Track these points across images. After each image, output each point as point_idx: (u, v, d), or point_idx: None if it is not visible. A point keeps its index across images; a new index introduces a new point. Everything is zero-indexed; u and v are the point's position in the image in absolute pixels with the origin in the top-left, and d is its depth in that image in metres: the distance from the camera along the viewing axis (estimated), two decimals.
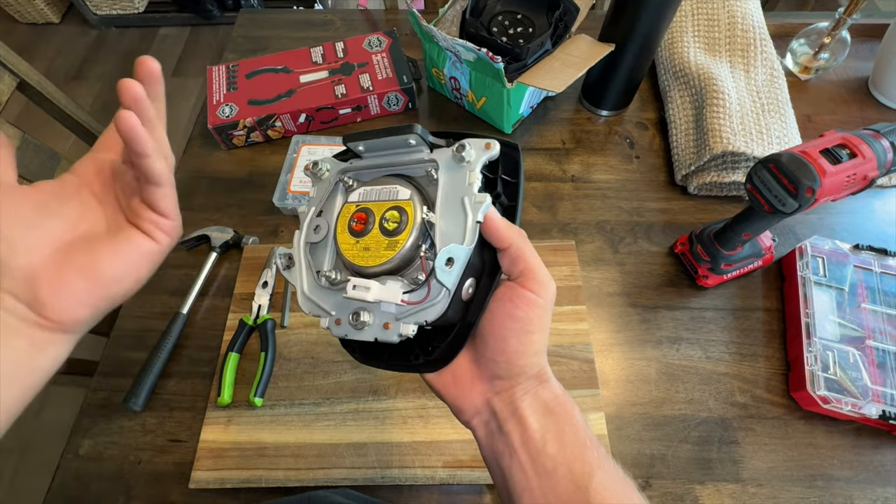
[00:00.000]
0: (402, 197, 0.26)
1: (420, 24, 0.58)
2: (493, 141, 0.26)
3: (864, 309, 0.49)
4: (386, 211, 0.26)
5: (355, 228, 0.27)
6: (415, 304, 0.25)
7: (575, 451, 0.25)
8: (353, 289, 0.26)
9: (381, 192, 0.27)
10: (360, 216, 0.27)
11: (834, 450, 0.46)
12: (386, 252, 0.26)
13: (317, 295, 0.28)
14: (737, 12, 0.64)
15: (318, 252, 0.29)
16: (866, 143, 0.38)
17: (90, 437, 0.48)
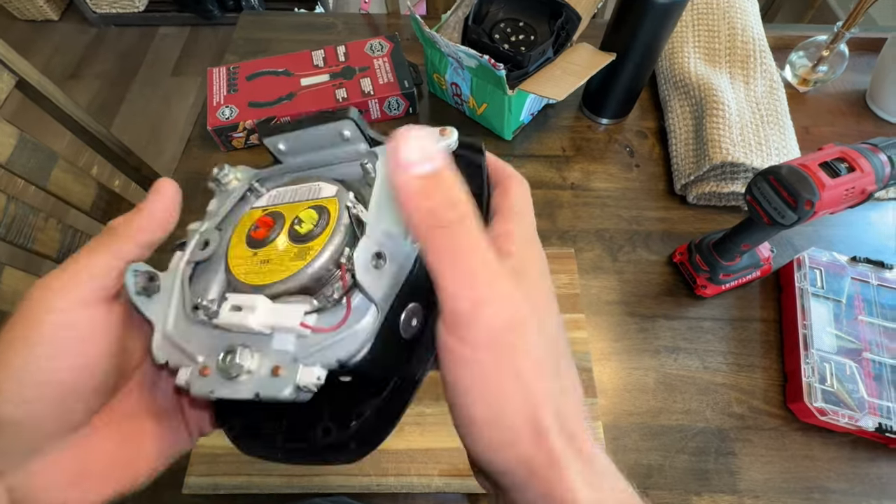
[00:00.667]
0: (325, 194, 0.19)
1: (422, 30, 0.58)
2: (449, 127, 0.19)
3: (861, 321, 0.49)
4: (298, 216, 0.19)
5: (255, 237, 0.19)
6: (325, 332, 0.16)
7: None
8: (228, 310, 0.17)
9: (299, 192, 0.20)
10: (264, 221, 0.20)
11: (830, 462, 0.46)
12: (293, 263, 0.18)
13: (183, 333, 0.19)
14: (737, 24, 0.65)
15: (204, 276, 0.21)
16: (864, 157, 0.38)
17: None
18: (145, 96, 1.78)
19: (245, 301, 0.17)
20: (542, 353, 0.15)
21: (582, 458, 0.15)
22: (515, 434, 0.15)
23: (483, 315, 0.14)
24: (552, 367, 0.16)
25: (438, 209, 0.14)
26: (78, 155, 1.43)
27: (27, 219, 0.61)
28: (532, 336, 0.15)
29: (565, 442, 0.15)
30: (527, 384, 0.15)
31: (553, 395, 0.15)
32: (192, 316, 0.19)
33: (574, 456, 0.15)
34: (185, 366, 0.18)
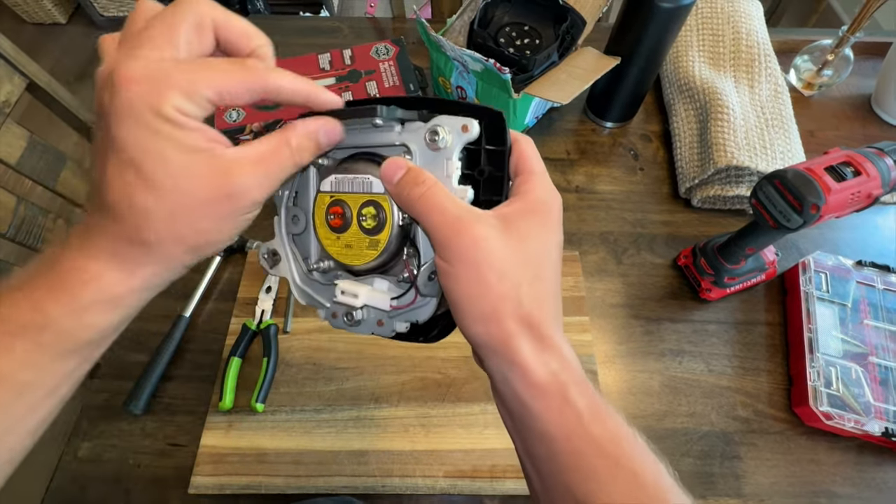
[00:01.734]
0: (376, 190, 0.25)
1: (428, 34, 0.59)
2: (469, 121, 0.23)
3: (867, 325, 0.49)
4: (362, 206, 0.25)
5: (333, 224, 0.26)
6: (404, 308, 0.25)
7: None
8: (341, 294, 0.26)
9: (354, 183, 0.25)
10: (336, 210, 0.26)
11: (836, 466, 0.46)
12: (369, 251, 0.25)
13: (309, 286, 0.28)
14: (741, 28, 0.65)
15: (302, 242, 0.28)
16: (870, 161, 0.38)
17: (89, 440, 0.47)
18: None
19: (351, 288, 0.26)
20: (506, 265, 0.21)
21: (534, 337, 0.21)
22: (483, 316, 0.21)
23: (454, 241, 0.21)
24: (519, 276, 0.21)
25: (413, 187, 0.22)
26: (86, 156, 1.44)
27: (36, 220, 0.62)
28: (496, 252, 0.21)
29: (522, 326, 0.21)
30: (489, 283, 0.21)
31: (514, 293, 0.21)
32: (311, 277, 0.28)
33: (527, 335, 0.21)
34: (318, 308, 0.28)
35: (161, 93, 0.19)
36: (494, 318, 0.21)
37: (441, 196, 0.22)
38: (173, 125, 0.19)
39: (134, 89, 0.19)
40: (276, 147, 0.22)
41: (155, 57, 0.19)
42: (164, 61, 0.20)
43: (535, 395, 0.21)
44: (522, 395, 0.21)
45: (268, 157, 0.22)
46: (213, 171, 0.20)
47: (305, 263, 0.28)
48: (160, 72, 0.19)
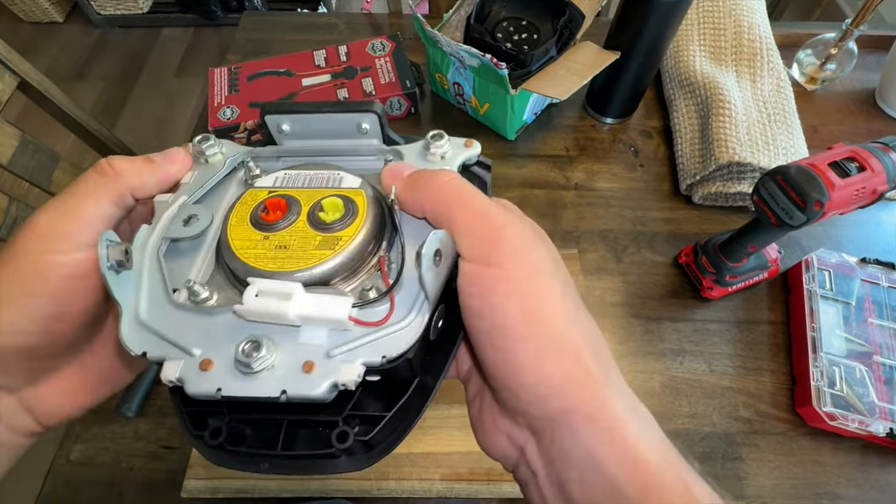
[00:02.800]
0: (348, 185, 0.19)
1: (424, 29, 0.58)
2: (473, 140, 0.21)
3: (872, 324, 0.48)
4: (322, 199, 0.18)
5: (265, 219, 0.18)
6: (371, 327, 0.16)
7: None
8: (254, 298, 0.15)
9: (314, 179, 0.19)
10: (275, 203, 0.18)
11: (840, 468, 0.45)
12: (318, 252, 0.17)
13: (163, 320, 0.17)
14: (743, 22, 0.64)
15: (181, 256, 0.19)
16: (875, 157, 0.37)
17: (82, 443, 0.47)
18: (149, 97, 1.78)
19: (276, 288, 0.15)
20: (560, 278, 0.16)
21: (620, 386, 0.15)
22: (554, 347, 0.14)
23: (506, 235, 0.15)
24: (572, 290, 0.16)
25: (432, 175, 0.18)
26: (81, 156, 1.43)
27: None
28: (549, 260, 0.16)
29: (602, 367, 0.15)
30: (554, 296, 0.15)
31: (577, 315, 0.16)
32: (174, 300, 0.17)
33: (613, 381, 0.15)
34: (172, 358, 0.16)
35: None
36: (572, 351, 0.15)
37: (472, 187, 0.17)
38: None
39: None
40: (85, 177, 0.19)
41: None
42: None
43: (650, 489, 0.13)
44: (627, 488, 0.14)
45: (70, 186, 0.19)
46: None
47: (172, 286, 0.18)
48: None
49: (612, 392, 0.15)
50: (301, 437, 0.17)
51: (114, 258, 0.17)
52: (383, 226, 0.19)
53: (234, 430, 0.17)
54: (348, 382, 0.15)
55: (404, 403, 0.17)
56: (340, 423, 0.16)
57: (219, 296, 0.17)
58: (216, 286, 0.18)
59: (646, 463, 0.14)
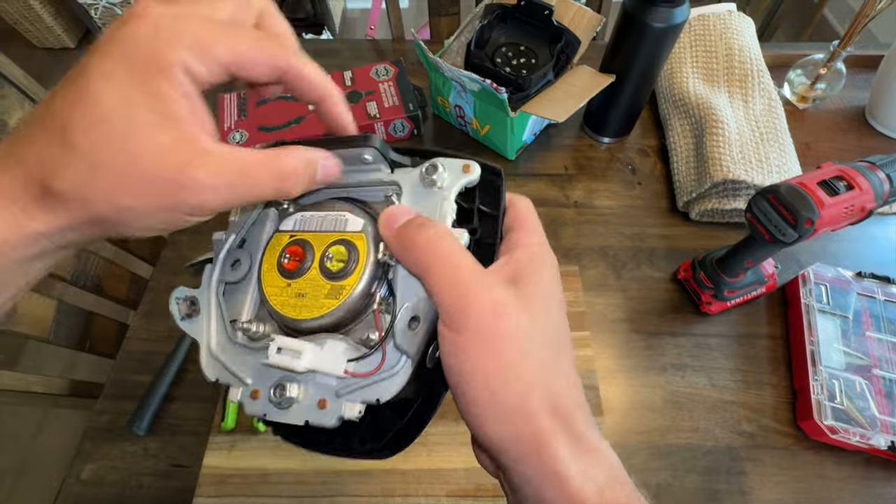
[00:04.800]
0: (351, 228, 0.20)
1: (426, 55, 0.60)
2: (471, 163, 0.21)
3: (870, 337, 0.49)
4: (329, 246, 0.20)
5: (287, 267, 0.21)
6: (364, 377, 0.19)
7: None
8: (276, 352, 0.19)
9: (325, 221, 0.21)
10: (294, 250, 0.21)
11: (843, 481, 0.45)
12: (327, 301, 0.20)
13: (227, 355, 0.21)
14: (734, 44, 0.66)
15: (236, 295, 0.22)
16: (863, 175, 0.38)
17: (92, 462, 0.47)
18: None
19: (292, 345, 0.19)
20: (530, 340, 0.17)
21: (571, 437, 0.17)
22: (508, 412, 0.17)
23: (469, 306, 0.17)
24: (544, 353, 0.18)
25: (418, 229, 0.19)
26: None
27: None
28: (516, 323, 0.17)
29: (556, 421, 0.17)
30: (513, 365, 0.17)
31: (542, 377, 0.17)
32: (233, 338, 0.21)
33: (564, 434, 0.17)
34: (234, 385, 0.21)
35: (171, 40, 0.16)
36: (523, 413, 0.17)
37: (453, 245, 0.18)
38: (167, 81, 0.16)
39: (142, 26, 0.16)
40: (262, 162, 0.18)
41: (186, 9, 0.17)
42: (191, 14, 0.17)
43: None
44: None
45: (248, 168, 0.18)
46: (176, 151, 0.16)
47: (232, 325, 0.22)
48: (181, 19, 0.16)
49: (560, 443, 0.17)
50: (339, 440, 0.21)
51: (184, 312, 0.22)
52: (383, 271, 0.21)
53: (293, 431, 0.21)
54: (351, 416, 0.19)
55: (409, 419, 0.20)
56: (362, 432, 0.20)
57: (265, 328, 0.21)
58: (263, 319, 0.22)
59: (579, 496, 0.16)
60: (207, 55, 0.16)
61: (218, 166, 0.17)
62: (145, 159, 0.16)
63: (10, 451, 1.15)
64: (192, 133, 0.17)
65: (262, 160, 0.18)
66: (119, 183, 0.16)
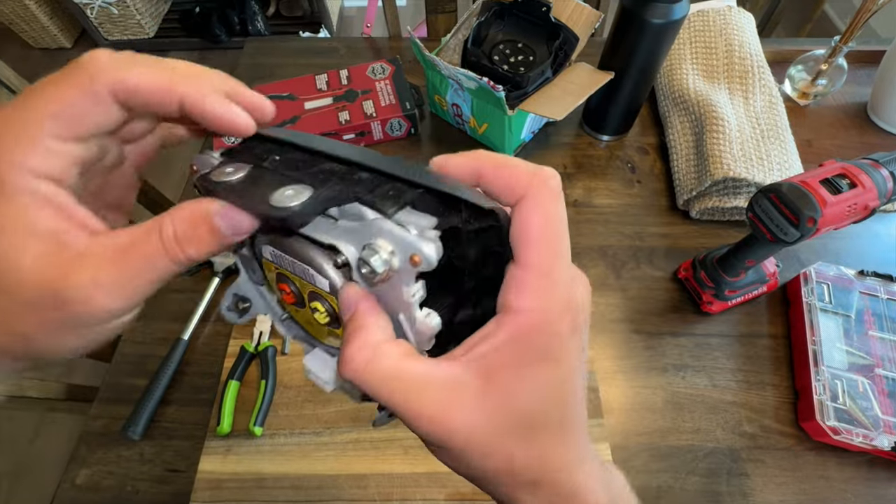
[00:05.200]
0: (320, 285, 0.18)
1: (422, 53, 0.60)
2: (421, 248, 0.15)
3: (872, 336, 0.48)
4: (310, 296, 0.19)
5: (287, 300, 0.20)
6: None
7: None
8: (308, 374, 0.21)
9: (295, 266, 0.18)
10: (284, 287, 0.20)
11: (846, 483, 0.45)
12: (330, 339, 0.21)
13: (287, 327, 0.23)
14: (734, 40, 0.65)
15: (265, 293, 0.23)
16: (866, 173, 0.38)
17: (87, 467, 0.47)
18: None
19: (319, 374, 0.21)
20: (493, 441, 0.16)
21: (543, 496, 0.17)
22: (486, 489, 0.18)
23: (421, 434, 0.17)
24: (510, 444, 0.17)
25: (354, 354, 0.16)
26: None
27: None
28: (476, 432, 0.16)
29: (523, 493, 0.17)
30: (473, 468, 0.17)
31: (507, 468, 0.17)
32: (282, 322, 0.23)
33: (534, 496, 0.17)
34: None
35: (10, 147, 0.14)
36: (496, 488, 0.18)
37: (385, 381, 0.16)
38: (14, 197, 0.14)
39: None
40: (142, 238, 0.16)
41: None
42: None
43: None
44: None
45: (129, 251, 0.15)
46: (47, 266, 0.15)
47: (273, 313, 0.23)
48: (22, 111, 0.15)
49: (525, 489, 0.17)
50: None
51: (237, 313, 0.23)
52: None
53: None
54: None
55: None
56: None
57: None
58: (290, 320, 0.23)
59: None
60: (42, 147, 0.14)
61: (96, 266, 0.15)
62: (23, 291, 0.15)
63: (7, 455, 1.15)
64: (60, 241, 0.15)
65: (141, 235, 0.16)
66: (11, 318, 0.15)
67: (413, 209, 0.16)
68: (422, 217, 0.16)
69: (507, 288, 0.16)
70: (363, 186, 0.16)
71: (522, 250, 0.16)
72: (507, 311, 0.16)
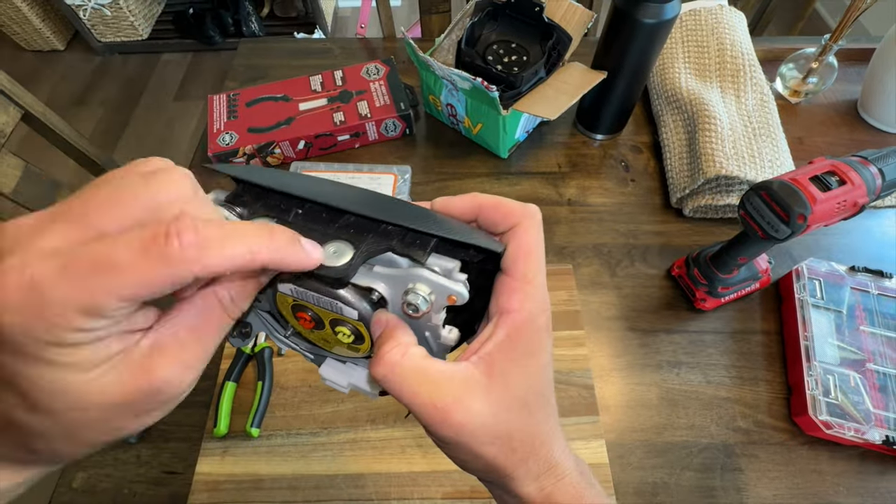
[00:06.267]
0: (347, 315, 0.20)
1: (416, 54, 0.60)
2: (459, 291, 0.19)
3: (864, 332, 0.49)
4: (333, 322, 0.21)
5: (304, 326, 0.22)
6: None
7: None
8: (323, 381, 0.24)
9: (321, 301, 0.20)
10: (303, 315, 0.21)
11: (839, 476, 0.45)
12: (349, 351, 0.23)
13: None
14: (725, 39, 0.66)
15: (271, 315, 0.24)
16: (855, 170, 0.38)
17: (84, 470, 0.47)
18: (149, 121, 1.81)
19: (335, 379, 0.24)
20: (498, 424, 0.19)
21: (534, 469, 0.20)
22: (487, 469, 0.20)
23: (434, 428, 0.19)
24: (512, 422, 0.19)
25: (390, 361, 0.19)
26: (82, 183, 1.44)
27: None
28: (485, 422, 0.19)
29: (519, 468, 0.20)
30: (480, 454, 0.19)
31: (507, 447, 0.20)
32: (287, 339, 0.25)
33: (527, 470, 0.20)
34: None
35: (50, 321, 0.14)
36: (494, 471, 0.20)
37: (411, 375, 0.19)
38: (72, 350, 0.14)
39: (7, 321, 0.13)
40: (207, 312, 0.18)
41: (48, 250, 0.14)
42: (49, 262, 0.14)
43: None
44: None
45: (200, 329, 0.17)
46: (129, 373, 0.16)
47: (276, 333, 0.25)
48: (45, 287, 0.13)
49: (523, 471, 0.20)
50: None
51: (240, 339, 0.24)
52: None
53: None
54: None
55: None
56: None
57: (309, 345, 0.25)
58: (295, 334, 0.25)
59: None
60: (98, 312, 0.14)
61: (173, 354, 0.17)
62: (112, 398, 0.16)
63: None
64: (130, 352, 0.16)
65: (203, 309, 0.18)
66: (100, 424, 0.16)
67: (436, 253, 0.19)
68: (446, 261, 0.19)
69: (500, 294, 0.20)
70: (392, 238, 0.19)
71: (513, 264, 0.20)
72: (502, 312, 0.20)
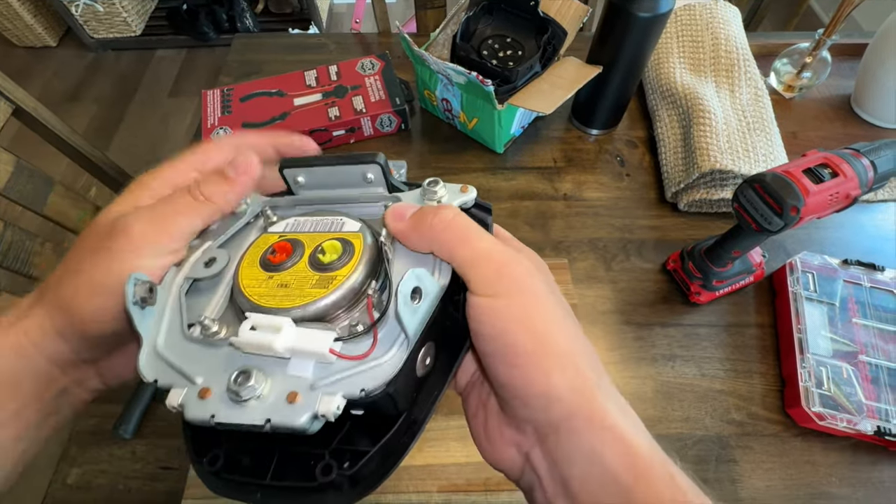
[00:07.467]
0: (348, 229, 0.20)
1: (411, 48, 0.60)
2: (471, 186, 0.21)
3: (856, 324, 0.49)
4: (323, 242, 0.20)
5: (272, 260, 0.20)
6: (352, 360, 0.17)
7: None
8: (249, 330, 0.17)
9: (320, 223, 0.21)
10: (282, 246, 0.20)
11: (832, 467, 0.46)
12: (314, 290, 0.18)
13: (177, 352, 0.18)
14: (720, 34, 0.66)
15: (201, 295, 0.21)
16: (847, 163, 0.38)
17: (78, 466, 0.47)
18: (143, 117, 1.80)
19: (268, 322, 0.17)
20: (558, 302, 0.19)
21: (610, 394, 0.18)
22: (560, 360, 0.17)
23: (509, 269, 0.18)
24: (569, 315, 0.19)
25: (436, 213, 0.19)
26: (76, 179, 1.44)
27: (24, 244, 0.62)
28: (547, 288, 0.19)
29: (598, 376, 0.18)
30: (556, 319, 0.18)
31: (575, 331, 0.18)
32: (188, 334, 0.19)
33: (604, 388, 0.18)
34: (178, 386, 0.17)
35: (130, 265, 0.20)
36: (573, 363, 0.17)
37: (471, 223, 0.19)
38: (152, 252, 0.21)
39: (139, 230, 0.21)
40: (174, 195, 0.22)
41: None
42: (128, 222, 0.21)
43: (641, 476, 0.16)
44: (623, 476, 0.16)
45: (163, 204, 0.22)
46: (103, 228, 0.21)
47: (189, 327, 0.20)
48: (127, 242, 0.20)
49: (606, 397, 0.17)
50: (292, 468, 0.17)
51: (139, 295, 0.19)
52: (378, 266, 0.20)
53: (231, 458, 0.18)
54: (328, 413, 0.15)
55: (389, 439, 0.17)
56: (326, 457, 0.17)
57: (227, 330, 0.19)
58: (227, 322, 0.19)
59: (637, 456, 0.17)
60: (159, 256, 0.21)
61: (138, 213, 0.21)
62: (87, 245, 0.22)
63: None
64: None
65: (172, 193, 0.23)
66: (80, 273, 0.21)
67: None
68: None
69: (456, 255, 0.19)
70: None
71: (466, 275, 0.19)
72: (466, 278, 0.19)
